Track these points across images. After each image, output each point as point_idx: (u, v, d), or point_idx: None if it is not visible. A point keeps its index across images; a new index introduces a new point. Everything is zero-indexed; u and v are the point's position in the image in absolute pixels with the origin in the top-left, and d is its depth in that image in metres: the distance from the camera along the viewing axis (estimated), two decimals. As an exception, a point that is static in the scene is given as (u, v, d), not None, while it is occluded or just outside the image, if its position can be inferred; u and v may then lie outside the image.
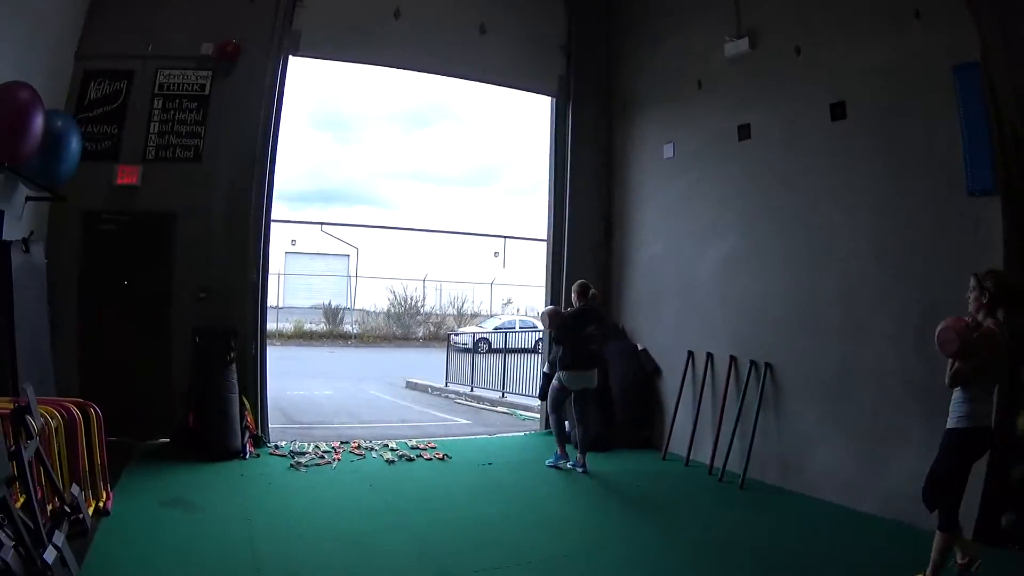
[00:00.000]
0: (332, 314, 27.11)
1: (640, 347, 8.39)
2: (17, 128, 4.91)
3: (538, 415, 9.68)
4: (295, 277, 39.01)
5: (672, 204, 8.12)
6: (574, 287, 7.02)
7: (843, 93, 6.05)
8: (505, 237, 55.78)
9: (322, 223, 52.09)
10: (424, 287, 28.63)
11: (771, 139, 6.80)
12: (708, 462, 6.93)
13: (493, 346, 24.90)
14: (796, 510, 5.78)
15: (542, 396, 7.56)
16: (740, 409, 6.78)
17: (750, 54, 6.94)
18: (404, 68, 8.51)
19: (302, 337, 25.74)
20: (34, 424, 3.76)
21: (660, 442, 7.80)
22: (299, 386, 13.75)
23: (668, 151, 8.18)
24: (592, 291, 6.94)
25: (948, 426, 3.92)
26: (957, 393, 3.90)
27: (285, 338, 25.28)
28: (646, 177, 8.59)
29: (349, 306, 28.60)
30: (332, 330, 26.53)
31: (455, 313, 28.85)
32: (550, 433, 7.41)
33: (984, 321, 3.90)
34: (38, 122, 5.06)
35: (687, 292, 7.76)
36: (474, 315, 29.40)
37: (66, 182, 6.04)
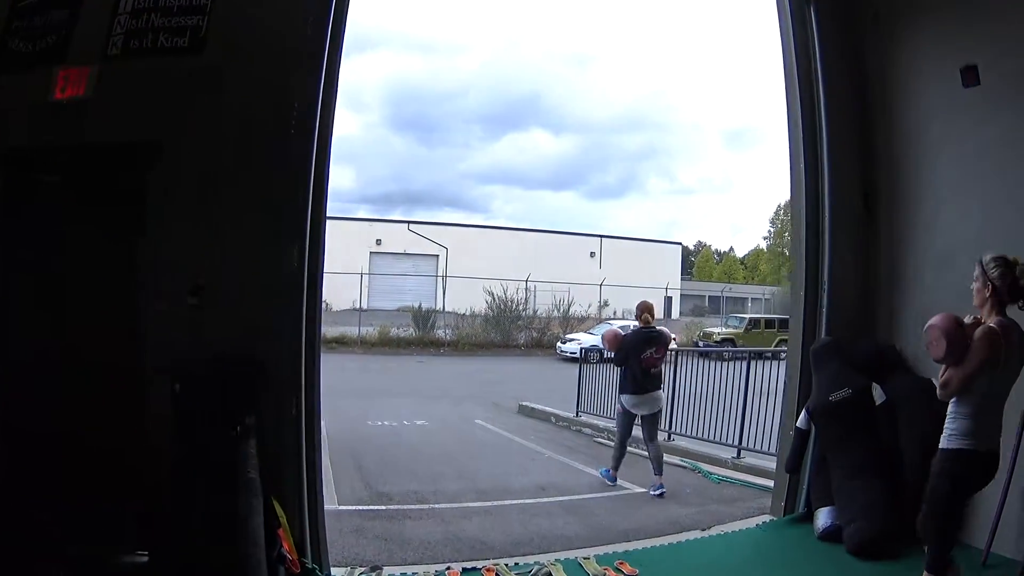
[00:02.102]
0: (422, 318, 24.25)
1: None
2: None
3: (752, 479, 6.85)
4: (380, 278, 37.19)
5: (979, 159, 5.04)
6: (638, 306, 7.07)
7: None
8: (601, 236, 53.16)
9: (409, 221, 50.96)
10: (527, 288, 25.58)
11: None
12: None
13: (605, 356, 22.12)
14: None
15: (791, 467, 5.15)
16: None
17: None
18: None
19: (388, 344, 22.96)
20: None
21: (975, 534, 4.41)
22: (383, 411, 11.05)
23: (967, 79, 4.96)
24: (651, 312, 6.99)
25: (940, 445, 3.47)
26: (952, 406, 3.45)
27: (368, 346, 22.59)
28: (930, 119, 5.34)
29: (440, 309, 25.74)
30: (422, 336, 23.67)
31: (560, 317, 25.48)
32: (799, 522, 5.14)
33: (988, 318, 3.41)
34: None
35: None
36: (582, 319, 25.92)
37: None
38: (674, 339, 25.18)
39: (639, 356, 6.61)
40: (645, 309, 6.92)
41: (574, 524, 5.54)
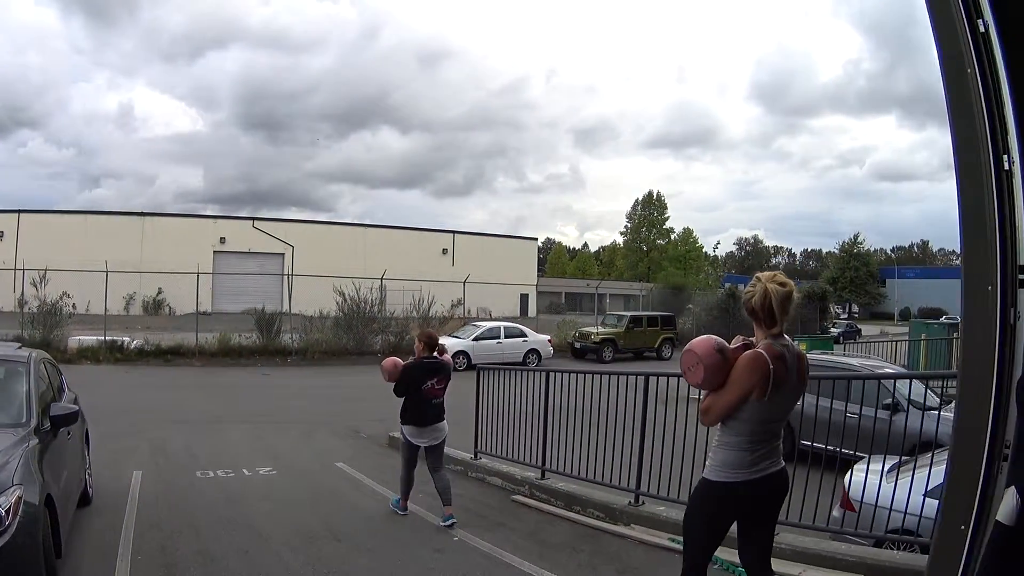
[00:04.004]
0: (267, 324, 21.96)
1: None
2: None
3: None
4: (225, 279, 34.49)
5: None
6: (419, 336, 6.88)
7: None
8: (454, 232, 52.26)
9: (254, 218, 48.07)
10: (382, 287, 23.52)
11: None
12: None
13: (473, 362, 20.77)
14: None
15: None
16: None
17: None
18: None
19: (229, 354, 20.80)
20: None
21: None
22: (219, 451, 9.05)
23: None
24: (440, 343, 6.82)
25: (703, 474, 3.39)
26: (717, 433, 3.34)
27: (208, 356, 20.39)
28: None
29: (287, 311, 23.41)
30: (267, 344, 21.47)
31: (419, 319, 23.65)
32: None
33: (759, 341, 3.25)
34: None
35: None
36: (443, 320, 24.58)
37: None
38: (549, 341, 24.18)
39: (420, 387, 6.49)
40: (430, 338, 6.83)
41: None
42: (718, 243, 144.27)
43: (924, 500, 4.79)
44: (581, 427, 6.77)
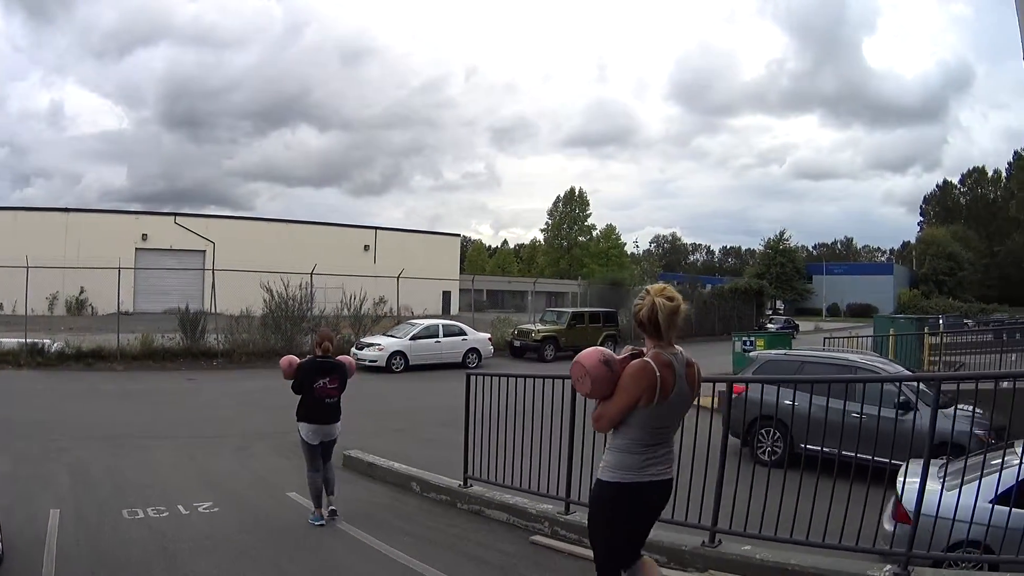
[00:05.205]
0: (191, 324, 21.01)
1: None
2: None
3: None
4: (147, 278, 33.40)
5: None
6: (317, 334, 7.02)
7: None
8: (376, 228, 51.37)
9: (176, 213, 46.73)
10: (311, 283, 22.58)
11: None
12: None
13: (411, 362, 20.67)
14: None
15: None
16: None
17: None
18: None
19: (152, 357, 19.89)
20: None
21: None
22: (147, 479, 8.14)
23: None
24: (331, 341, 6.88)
25: (598, 475, 3.56)
26: (609, 438, 3.52)
27: (130, 359, 19.50)
28: None
29: (211, 310, 22.38)
30: (191, 346, 20.62)
31: (351, 317, 22.97)
32: None
33: (649, 350, 3.41)
34: None
35: None
36: (376, 319, 23.77)
37: None
38: (489, 339, 23.74)
39: (312, 386, 6.52)
40: (324, 338, 6.85)
41: None
42: (636, 241, 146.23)
43: (993, 508, 4.54)
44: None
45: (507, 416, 6.62)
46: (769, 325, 39.41)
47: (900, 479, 5.30)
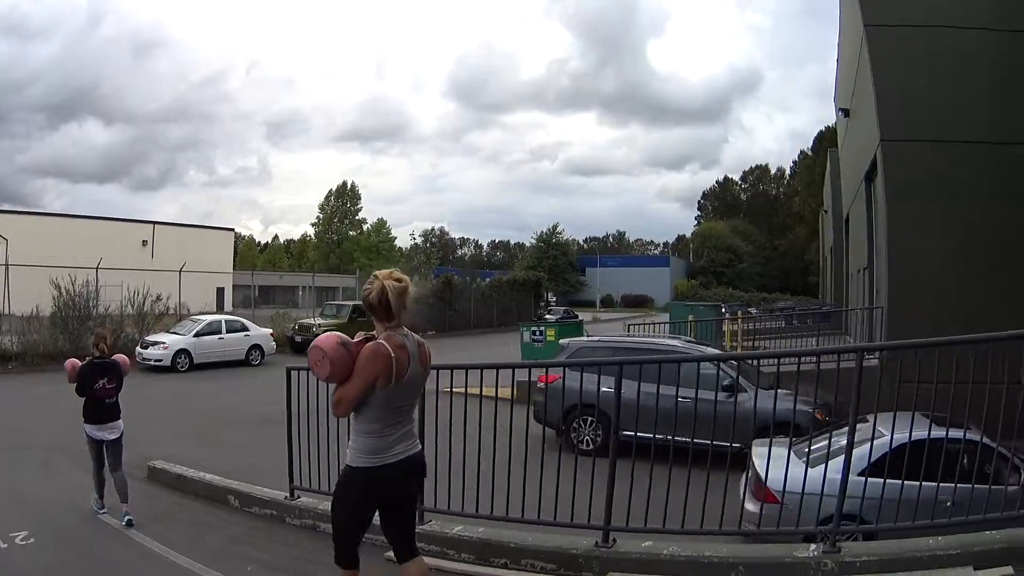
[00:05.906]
0: (-21, 326, 20.35)
1: None
2: None
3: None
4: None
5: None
6: (95, 334, 7.23)
7: None
8: (154, 223, 50.39)
9: None
10: (97, 278, 22.18)
11: None
12: None
13: (196, 360, 21.18)
14: None
15: None
16: None
17: None
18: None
19: (-65, 365, 19.06)
20: None
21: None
22: None
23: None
24: (106, 340, 7.04)
25: (346, 461, 3.62)
26: (353, 423, 3.58)
27: (-95, 371, 18.48)
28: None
29: (3, 311, 21.67)
30: (-18, 351, 20.04)
31: (135, 314, 23.00)
32: None
33: (379, 334, 3.54)
34: None
35: None
36: (159, 315, 23.80)
37: None
38: (272, 335, 25.47)
39: (93, 387, 6.70)
40: (99, 338, 7.01)
41: None
42: (413, 235, 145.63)
43: (866, 480, 4.64)
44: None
45: (328, 417, 5.56)
46: (548, 316, 40.13)
47: (756, 460, 5.38)
